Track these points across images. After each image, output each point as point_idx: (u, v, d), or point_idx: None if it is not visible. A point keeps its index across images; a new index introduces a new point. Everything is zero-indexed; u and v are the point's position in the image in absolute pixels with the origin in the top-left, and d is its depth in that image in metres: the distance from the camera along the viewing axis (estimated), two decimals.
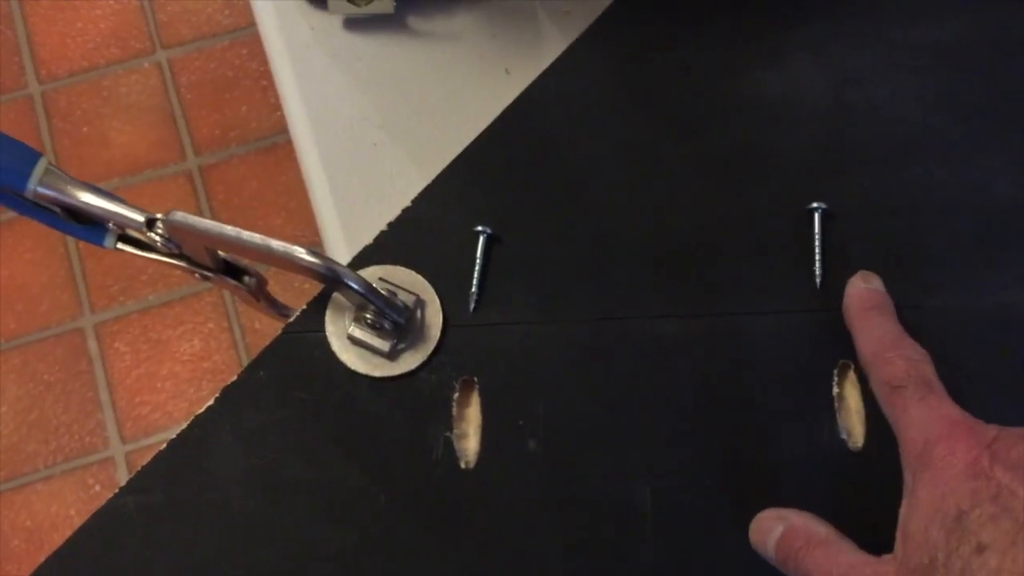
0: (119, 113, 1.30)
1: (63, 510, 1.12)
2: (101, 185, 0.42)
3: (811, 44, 0.47)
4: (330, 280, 0.39)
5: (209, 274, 0.45)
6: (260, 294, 0.47)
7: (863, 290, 0.41)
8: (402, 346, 0.42)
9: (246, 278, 0.46)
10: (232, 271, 0.46)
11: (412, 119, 0.48)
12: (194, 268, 0.45)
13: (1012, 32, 0.47)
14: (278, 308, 0.48)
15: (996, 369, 0.42)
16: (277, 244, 0.38)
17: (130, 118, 1.31)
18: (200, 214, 1.22)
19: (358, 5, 0.48)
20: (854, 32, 0.48)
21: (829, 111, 0.46)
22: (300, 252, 0.38)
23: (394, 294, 0.42)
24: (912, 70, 0.47)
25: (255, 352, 0.43)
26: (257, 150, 1.29)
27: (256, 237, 0.38)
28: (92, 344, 1.18)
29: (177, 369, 1.17)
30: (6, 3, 1.36)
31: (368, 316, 0.41)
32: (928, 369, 0.38)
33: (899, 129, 0.46)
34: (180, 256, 0.44)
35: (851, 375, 0.42)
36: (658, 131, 0.46)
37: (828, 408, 0.42)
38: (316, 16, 0.50)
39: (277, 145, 1.28)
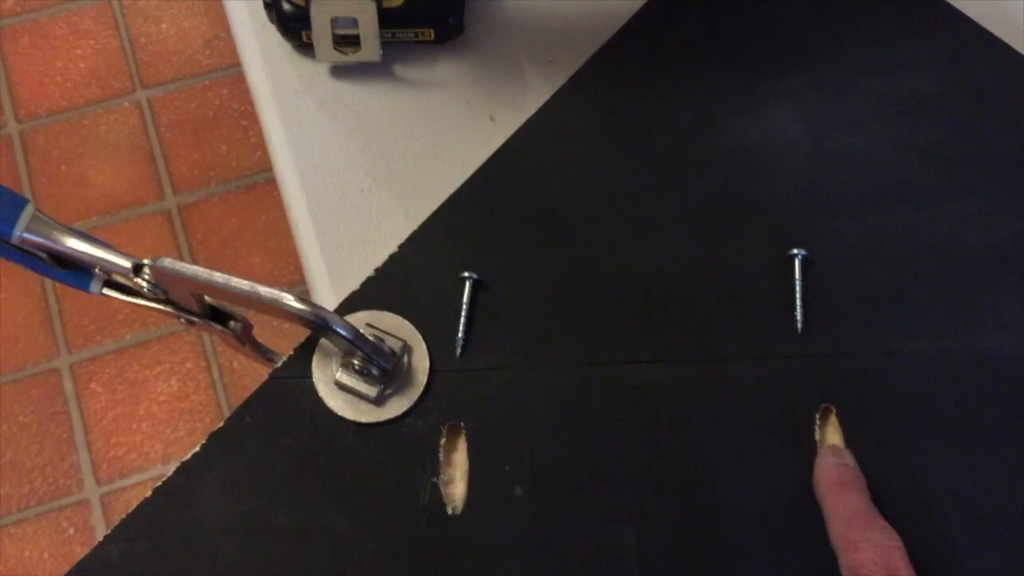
0: (98, 152, 1.30)
1: (36, 554, 1.10)
2: (79, 224, 0.42)
3: (789, 94, 0.49)
4: (318, 327, 0.39)
5: (194, 319, 0.45)
6: (245, 339, 0.47)
7: (832, 465, 0.40)
8: (389, 392, 0.42)
9: (232, 323, 0.46)
10: (218, 316, 0.46)
11: (399, 165, 0.49)
12: (179, 313, 0.45)
13: (986, 83, 0.49)
14: (263, 352, 0.48)
15: (971, 413, 0.43)
16: (265, 291, 0.39)
17: (109, 157, 1.31)
18: (179, 253, 1.22)
19: (345, 53, 0.49)
20: (831, 83, 0.49)
21: (807, 160, 0.47)
22: (289, 299, 0.39)
23: (381, 340, 0.42)
24: (888, 120, 0.48)
25: (233, 392, 0.43)
26: (237, 189, 1.29)
27: (244, 284, 0.38)
28: (68, 384, 1.17)
29: (154, 410, 1.16)
30: None
31: (355, 362, 0.41)
32: (897, 557, 0.37)
33: (875, 177, 0.47)
34: (166, 301, 0.44)
35: (832, 419, 0.43)
36: (641, 178, 0.47)
37: (811, 452, 0.42)
38: (303, 64, 0.51)
39: (257, 184, 1.29)
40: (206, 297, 0.43)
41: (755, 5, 0.51)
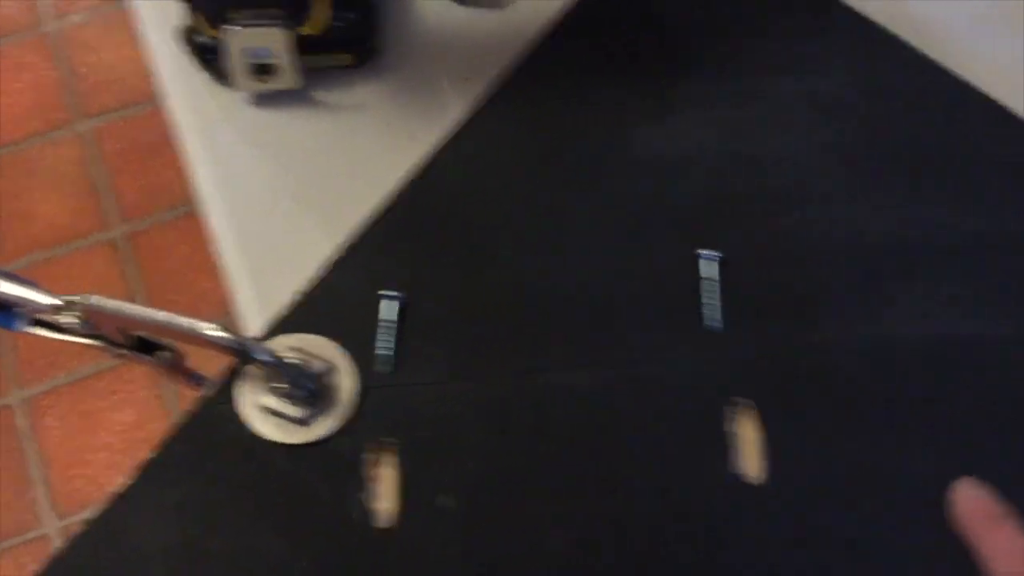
0: (43, 185, 1.30)
1: None
2: (25, 259, 0.42)
3: (699, 101, 0.50)
4: (240, 354, 0.40)
5: (124, 351, 0.46)
6: (178, 368, 0.47)
7: (978, 498, 0.38)
8: (316, 412, 0.43)
9: (159, 353, 0.47)
10: (147, 347, 0.47)
11: (322, 188, 0.50)
12: (108, 347, 0.45)
13: (886, 85, 0.50)
14: (197, 380, 0.48)
15: (882, 396, 0.44)
16: (184, 321, 0.39)
17: (53, 189, 1.30)
18: (125, 282, 1.21)
19: (264, 82, 0.50)
20: (740, 89, 0.50)
21: (717, 163, 0.49)
22: (207, 328, 0.39)
23: (306, 362, 0.43)
24: (793, 121, 0.50)
25: None
26: (186, 215, 1.29)
27: (161, 315, 0.39)
28: (21, 421, 1.16)
29: (110, 440, 1.15)
30: None
31: (280, 385, 0.42)
32: None
33: (783, 177, 0.49)
34: (95, 336, 0.45)
35: (748, 412, 0.44)
36: (558, 190, 0.48)
37: (726, 446, 0.43)
38: (223, 94, 0.51)
39: None
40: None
41: (664, 18, 0.52)
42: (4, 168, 1.31)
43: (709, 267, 0.46)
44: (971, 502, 0.38)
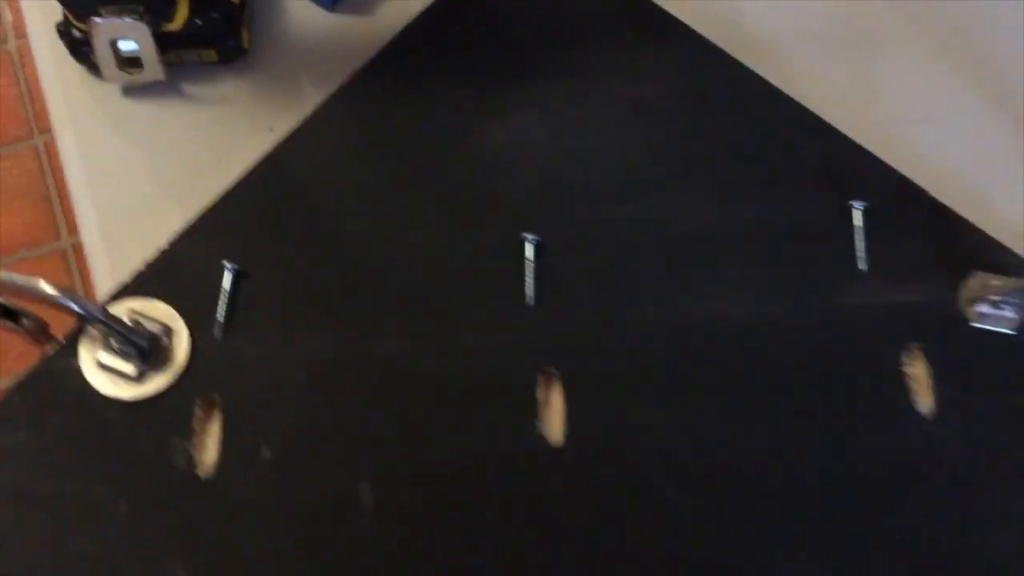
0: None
1: None
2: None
3: (535, 101, 0.54)
4: (69, 311, 0.44)
5: None
6: (42, 336, 0.51)
7: None
8: (148, 370, 0.46)
9: (24, 320, 0.50)
10: (11, 315, 0.50)
11: (182, 173, 0.53)
12: None
13: (707, 88, 0.55)
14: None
15: (678, 371, 0.48)
16: (21, 279, 0.43)
17: (8, 201, 1.34)
18: (74, 289, 1.24)
19: (131, 74, 0.54)
20: (573, 90, 0.54)
21: (548, 158, 0.53)
22: (42, 285, 0.43)
23: (139, 323, 0.46)
24: (620, 122, 0.54)
25: None
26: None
27: (2, 274, 0.43)
28: None
29: None
30: None
31: (114, 342, 0.46)
32: None
33: (607, 172, 0.53)
34: None
35: (556, 382, 0.48)
36: (395, 178, 0.52)
37: (533, 410, 0.47)
38: (98, 85, 0.56)
39: None
40: None
41: (508, 27, 0.56)
42: None
43: (531, 250, 0.50)
44: None
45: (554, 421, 0.47)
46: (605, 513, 0.45)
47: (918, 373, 0.49)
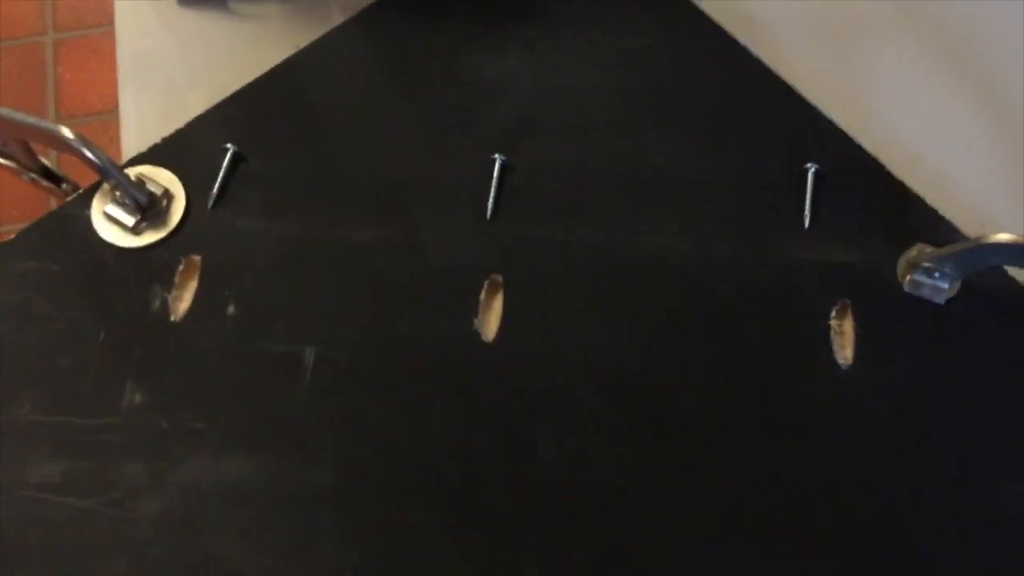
0: None
1: None
2: None
3: (526, 40, 0.59)
4: (81, 156, 0.50)
5: (33, 176, 0.57)
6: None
7: None
8: (145, 224, 0.53)
9: (64, 185, 0.58)
10: (54, 178, 0.58)
11: (214, 73, 0.60)
12: (20, 169, 0.57)
13: (688, 49, 0.59)
14: None
15: (619, 294, 0.52)
16: (45, 123, 0.50)
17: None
18: None
19: None
20: (561, 35, 0.59)
21: (530, 90, 0.58)
22: (63, 131, 0.50)
23: (143, 183, 0.53)
24: (603, 67, 0.58)
25: None
26: None
27: (31, 118, 0.50)
28: None
29: None
30: None
31: (119, 194, 0.52)
32: None
33: (583, 109, 0.57)
34: (8, 156, 0.56)
35: (499, 287, 0.52)
36: (392, 93, 0.58)
37: (474, 309, 0.51)
38: None
39: None
40: (38, 156, 0.55)
41: None
42: None
43: (497, 168, 0.55)
44: None
45: (490, 321, 0.52)
46: (522, 406, 0.49)
47: (844, 327, 0.51)
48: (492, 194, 0.54)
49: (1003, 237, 0.47)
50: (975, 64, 0.60)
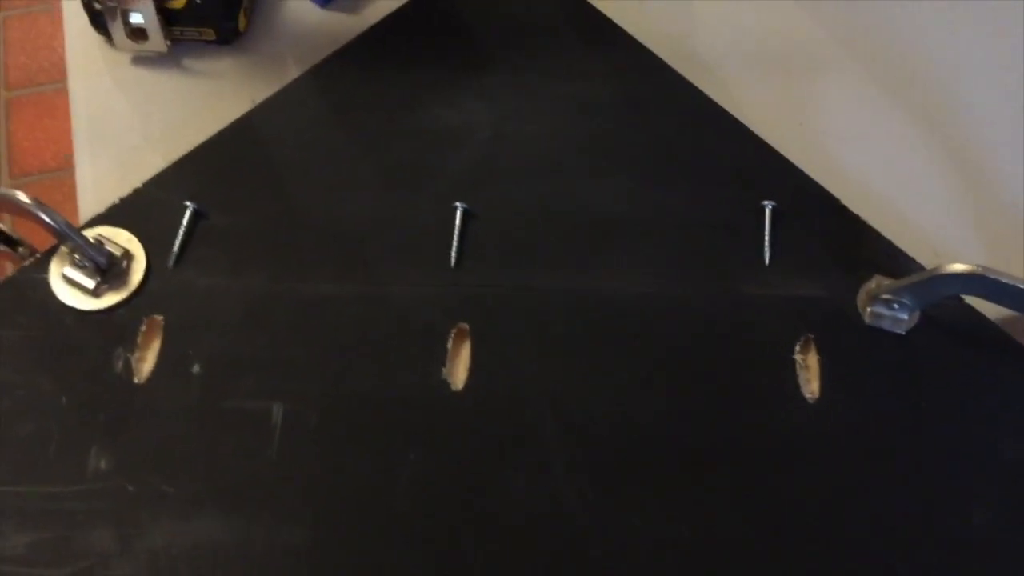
0: None
1: None
2: None
3: (484, 91, 0.60)
4: (39, 220, 0.50)
5: None
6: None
7: None
8: (105, 286, 0.52)
9: (20, 248, 0.57)
10: (10, 242, 0.57)
11: (169, 131, 0.60)
12: None
13: (642, 94, 0.60)
14: None
15: (579, 338, 0.52)
16: (0, 190, 0.49)
17: None
18: None
19: (137, 43, 0.61)
20: (520, 85, 0.60)
21: (488, 140, 0.58)
22: (19, 195, 0.49)
23: (102, 244, 0.52)
24: (559, 116, 0.59)
25: None
26: None
27: None
28: None
29: None
30: None
31: (78, 257, 0.52)
32: None
33: (540, 157, 0.58)
34: None
35: (466, 336, 0.52)
36: (350, 146, 0.58)
37: (441, 358, 0.51)
38: (112, 52, 0.63)
39: None
40: None
41: (468, 27, 0.62)
42: None
43: (459, 216, 0.55)
44: None
45: (459, 370, 0.52)
46: (494, 454, 0.49)
47: (809, 362, 0.52)
48: (455, 242, 0.54)
49: (958, 267, 0.48)
50: (923, 95, 0.62)
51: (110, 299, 0.52)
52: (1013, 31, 0.64)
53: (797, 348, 0.52)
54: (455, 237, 0.55)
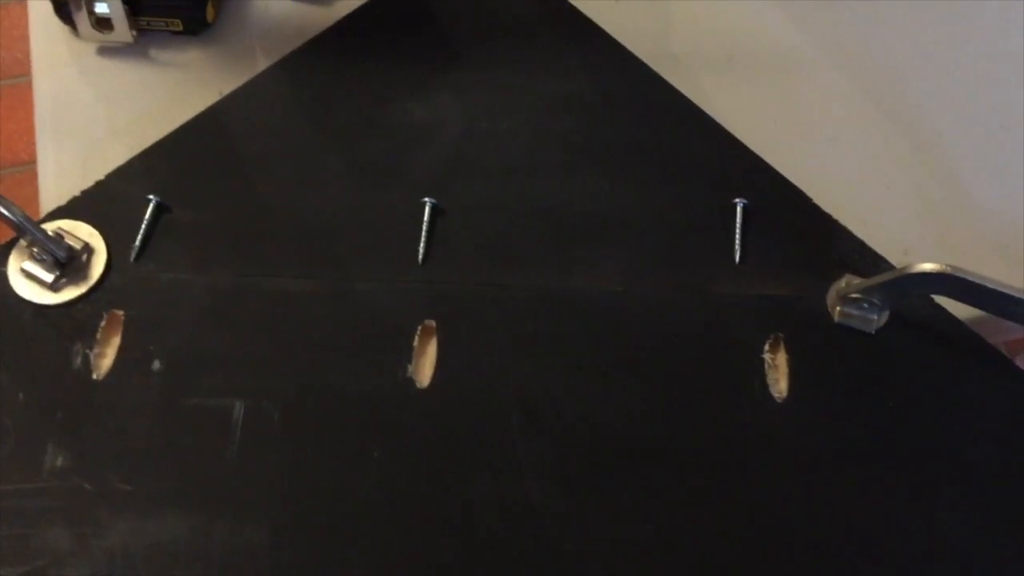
0: None
1: None
2: None
3: (456, 86, 0.59)
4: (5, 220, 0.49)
5: None
6: None
7: None
8: (64, 280, 0.51)
9: None
10: None
11: (135, 123, 0.59)
12: None
13: (617, 91, 0.59)
14: None
15: (552, 336, 0.51)
16: None
17: None
18: None
19: (103, 33, 0.60)
20: (491, 80, 0.59)
21: (459, 136, 0.57)
22: None
23: (62, 237, 0.51)
24: (532, 111, 0.58)
25: None
26: None
27: None
28: None
29: None
30: None
31: (36, 251, 0.51)
32: None
33: (512, 153, 0.57)
34: None
35: (432, 333, 0.51)
36: (319, 140, 0.57)
37: (408, 357, 0.51)
38: (78, 44, 0.62)
39: None
40: None
41: (441, 21, 0.62)
42: None
43: (427, 213, 0.54)
44: None
45: (424, 367, 0.51)
46: (459, 452, 0.49)
47: (778, 361, 0.52)
48: (423, 238, 0.54)
49: (928, 266, 0.48)
50: (895, 96, 0.61)
51: (69, 293, 0.51)
52: (985, 35, 0.64)
53: (766, 347, 0.52)
54: (423, 233, 0.54)
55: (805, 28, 0.64)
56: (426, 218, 0.54)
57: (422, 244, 0.54)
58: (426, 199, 0.54)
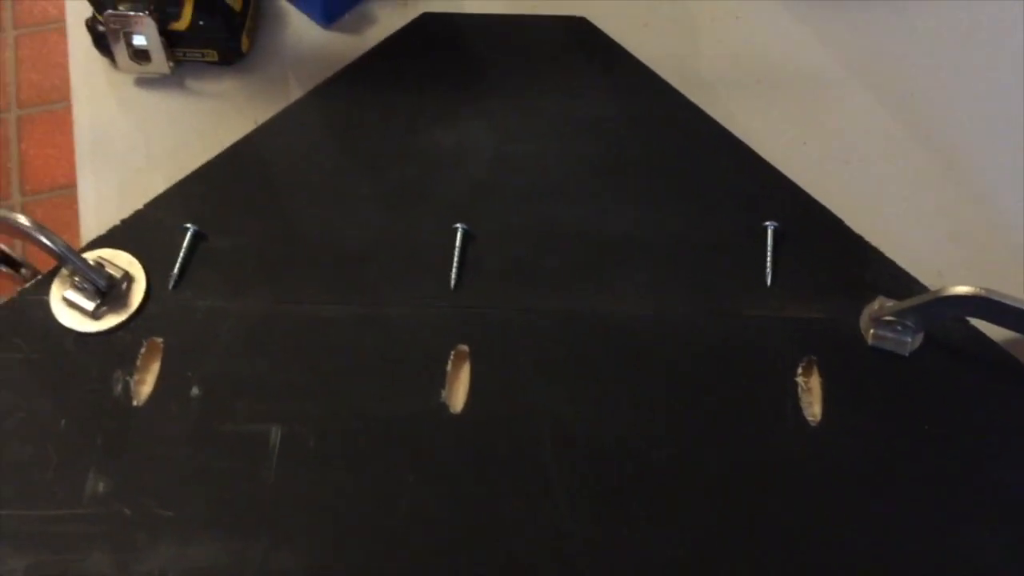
0: None
1: None
2: None
3: (485, 112, 0.60)
4: (37, 242, 0.50)
5: None
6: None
7: None
8: (105, 308, 0.52)
9: (23, 270, 0.57)
10: (12, 263, 0.57)
11: (172, 152, 0.60)
12: None
13: (645, 114, 0.59)
14: None
15: (580, 360, 0.52)
16: (1, 212, 0.50)
17: None
18: None
19: (141, 65, 0.61)
20: (521, 105, 0.60)
21: (488, 160, 0.58)
22: (19, 218, 0.50)
23: (102, 266, 0.52)
24: (561, 135, 0.59)
25: None
26: None
27: None
28: None
29: None
30: None
31: (78, 280, 0.52)
32: None
33: (540, 176, 0.57)
34: None
35: (465, 358, 0.52)
36: (351, 168, 0.58)
37: (441, 382, 0.51)
38: (116, 74, 0.63)
39: None
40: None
41: (471, 48, 0.63)
42: None
43: (459, 238, 0.55)
44: None
45: (458, 392, 0.51)
46: (493, 478, 0.49)
47: (811, 384, 0.51)
48: (455, 263, 0.54)
49: (962, 289, 0.47)
50: (926, 117, 0.61)
51: (109, 321, 0.52)
52: (1019, 57, 0.64)
53: (799, 370, 0.51)
54: (455, 258, 0.54)
55: (835, 49, 0.64)
56: (458, 244, 0.55)
57: (454, 270, 0.54)
58: (458, 225, 0.55)
